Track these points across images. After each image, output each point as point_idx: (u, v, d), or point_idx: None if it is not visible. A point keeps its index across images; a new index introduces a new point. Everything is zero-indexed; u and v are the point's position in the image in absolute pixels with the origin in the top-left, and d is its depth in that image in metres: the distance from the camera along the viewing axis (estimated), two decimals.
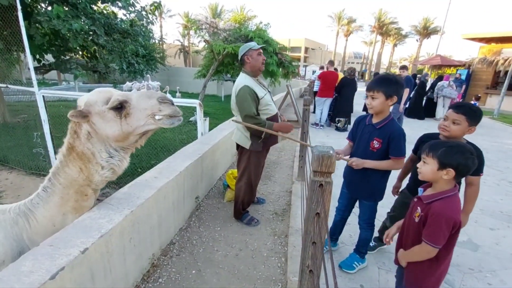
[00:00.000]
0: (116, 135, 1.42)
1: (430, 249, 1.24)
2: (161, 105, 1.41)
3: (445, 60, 17.13)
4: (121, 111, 1.39)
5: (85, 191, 1.53)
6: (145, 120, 1.41)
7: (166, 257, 2.11)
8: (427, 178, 1.32)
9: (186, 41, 32.15)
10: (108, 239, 1.50)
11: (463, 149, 1.22)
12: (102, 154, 1.47)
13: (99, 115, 1.40)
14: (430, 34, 44.28)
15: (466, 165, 1.21)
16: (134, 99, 1.42)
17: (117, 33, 5.95)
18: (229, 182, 3.09)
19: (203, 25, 10.96)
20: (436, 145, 1.28)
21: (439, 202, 1.25)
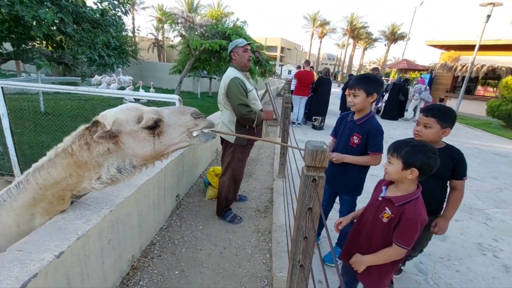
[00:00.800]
0: (147, 154, 1.31)
1: (402, 251, 1.25)
2: (196, 120, 1.34)
3: (411, 65, 18.30)
4: (155, 129, 1.29)
5: (64, 195, 1.40)
6: (179, 137, 1.33)
7: (146, 259, 2.01)
8: (393, 178, 1.30)
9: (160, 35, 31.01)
10: (86, 242, 1.39)
11: (425, 148, 1.21)
12: (111, 169, 1.33)
13: (131, 135, 1.27)
14: (397, 40, 46.98)
15: (429, 164, 1.20)
16: (166, 116, 1.32)
17: (86, 22, 5.56)
18: (210, 179, 3.02)
19: (179, 19, 10.63)
20: (400, 145, 1.27)
21: (411, 205, 1.23)
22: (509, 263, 2.30)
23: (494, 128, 10.15)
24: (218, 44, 9.28)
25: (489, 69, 13.27)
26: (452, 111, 1.56)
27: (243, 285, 1.87)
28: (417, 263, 2.19)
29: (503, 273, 2.18)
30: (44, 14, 4.39)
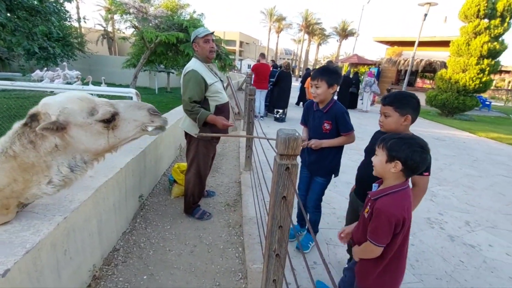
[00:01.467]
0: (100, 148, 1.22)
1: (373, 247, 1.16)
2: (152, 117, 1.32)
3: (361, 59, 19.60)
4: (110, 123, 1.20)
5: (8, 204, 1.21)
6: (134, 131, 1.28)
7: (110, 266, 1.86)
8: (378, 172, 1.24)
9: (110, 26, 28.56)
10: (37, 255, 1.22)
11: (412, 142, 1.13)
12: (62, 168, 1.20)
13: (82, 127, 1.15)
14: (347, 36, 49.82)
15: (413, 158, 1.11)
16: (122, 109, 1.25)
17: (22, 9, 4.86)
18: (175, 176, 2.89)
19: (130, 9, 9.89)
20: (388, 137, 1.21)
21: (383, 198, 1.16)
22: (453, 233, 2.61)
23: (432, 115, 11.39)
24: (175, 37, 8.88)
25: (426, 63, 14.79)
26: (410, 97, 1.47)
27: (217, 281, 1.83)
28: None
29: (449, 242, 2.47)
30: None
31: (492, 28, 10.09)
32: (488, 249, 2.40)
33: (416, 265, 2.11)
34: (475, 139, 7.52)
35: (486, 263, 2.21)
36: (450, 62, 11.47)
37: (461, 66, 10.90)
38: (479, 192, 3.68)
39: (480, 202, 3.37)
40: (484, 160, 5.37)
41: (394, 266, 1.23)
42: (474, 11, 10.18)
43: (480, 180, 4.19)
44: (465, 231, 2.67)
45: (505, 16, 10.01)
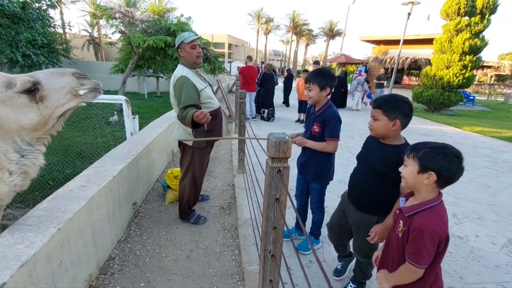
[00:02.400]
0: (35, 122, 1.18)
1: (415, 270, 1.07)
2: (80, 80, 1.29)
3: (348, 59, 19.92)
4: (35, 94, 1.16)
5: None
6: (65, 98, 1.25)
7: (106, 275, 1.85)
8: (409, 183, 1.15)
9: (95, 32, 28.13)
10: (32, 268, 1.22)
11: (447, 151, 1.06)
12: (10, 155, 1.18)
13: (4, 103, 1.12)
14: (335, 36, 50.48)
15: (449, 169, 1.04)
16: (43, 78, 1.21)
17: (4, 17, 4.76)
18: (169, 182, 2.89)
19: (116, 14, 9.78)
20: (418, 146, 1.13)
21: (421, 214, 1.08)
22: None
23: (419, 112, 11.67)
24: (163, 41, 8.83)
25: (411, 60, 15.15)
26: (401, 101, 1.41)
27: (215, 285, 1.84)
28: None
29: None
30: None
31: (473, 25, 10.42)
32: (475, 240, 2.50)
33: None
34: (460, 133, 7.74)
35: (473, 253, 2.30)
36: (434, 59, 11.79)
37: (444, 63, 11.22)
38: (465, 184, 3.81)
39: (466, 194, 3.49)
40: (469, 153, 5.55)
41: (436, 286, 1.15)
42: (454, 9, 10.51)
43: (466, 173, 4.26)
44: (453, 223, 2.77)
45: (485, 13, 10.36)
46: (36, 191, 3.79)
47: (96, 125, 6.35)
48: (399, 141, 1.47)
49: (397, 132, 1.43)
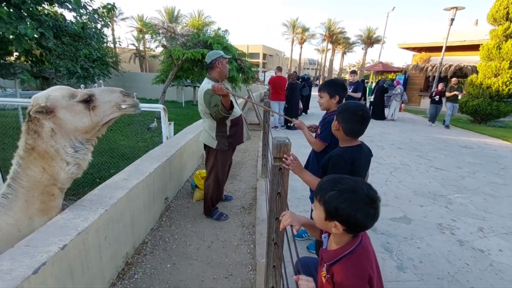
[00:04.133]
0: (86, 126, 1.53)
1: None
2: (125, 97, 1.62)
3: (386, 67, 19.24)
4: (89, 104, 1.52)
5: (52, 191, 1.57)
6: (111, 110, 1.58)
7: (139, 256, 2.18)
8: (320, 227, 1.05)
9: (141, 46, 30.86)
10: (85, 237, 1.56)
11: (355, 197, 0.90)
12: (67, 149, 1.53)
13: (67, 109, 1.48)
14: (373, 43, 48.87)
15: (356, 218, 0.89)
16: (97, 93, 1.57)
17: (67, 36, 5.64)
18: (197, 182, 3.21)
19: (160, 30, 10.77)
20: (327, 186, 0.96)
21: (340, 264, 0.95)
22: (464, 239, 2.63)
23: (463, 123, 10.87)
24: (200, 53, 9.48)
25: (456, 68, 14.19)
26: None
27: (230, 272, 2.07)
28: (384, 243, 2.48)
29: (458, 246, 2.50)
30: (25, 29, 4.47)
31: None
32: (497, 254, 2.40)
33: (419, 266, 2.20)
34: (508, 146, 7.11)
35: (492, 266, 2.23)
36: (480, 67, 10.96)
37: (492, 71, 10.39)
38: (499, 199, 3.59)
39: (499, 209, 3.30)
40: None
41: None
42: (503, 13, 9.75)
43: (504, 188, 4.04)
44: (476, 236, 2.67)
45: None
46: (86, 187, 4.38)
47: (138, 131, 7.07)
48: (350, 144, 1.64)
49: (341, 134, 1.62)
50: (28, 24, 4.52)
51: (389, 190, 3.69)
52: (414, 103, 16.80)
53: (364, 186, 0.93)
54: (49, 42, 5.06)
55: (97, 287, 1.72)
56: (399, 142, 6.85)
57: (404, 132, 8.18)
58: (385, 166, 4.80)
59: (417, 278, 2.06)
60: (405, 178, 4.23)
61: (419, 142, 6.92)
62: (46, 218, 1.59)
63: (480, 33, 14.02)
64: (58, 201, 1.63)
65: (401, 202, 3.37)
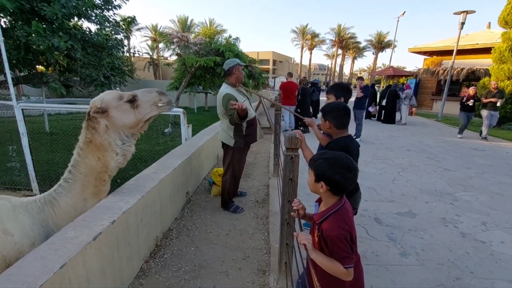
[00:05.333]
0: (132, 122, 1.84)
1: (345, 271, 1.10)
2: (161, 96, 1.92)
3: (396, 71, 19.20)
4: (134, 103, 1.83)
5: (103, 177, 1.87)
6: (150, 108, 1.88)
7: (167, 240, 2.47)
8: (311, 190, 1.26)
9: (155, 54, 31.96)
10: (128, 216, 1.86)
11: (336, 162, 1.15)
12: (117, 142, 1.85)
13: (117, 108, 1.80)
14: (384, 48, 48.65)
15: (335, 180, 1.13)
16: (139, 93, 1.89)
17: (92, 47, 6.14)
18: (214, 179, 3.49)
19: (174, 39, 11.28)
20: (316, 157, 1.24)
21: (327, 221, 1.16)
22: (466, 231, 2.78)
23: (475, 126, 10.77)
24: (212, 61, 9.90)
25: (468, 71, 14.08)
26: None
27: (247, 255, 2.32)
28: (389, 234, 2.67)
29: (460, 238, 2.66)
30: (58, 42, 4.95)
31: None
32: (499, 245, 2.55)
33: (421, 253, 2.38)
34: None
35: (492, 256, 2.38)
36: (493, 70, 10.92)
37: (505, 73, 10.34)
38: (506, 198, 3.69)
39: (504, 206, 3.41)
40: None
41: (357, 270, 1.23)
42: None
43: (509, 187, 4.12)
44: (479, 229, 2.82)
45: None
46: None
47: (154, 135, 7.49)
48: (342, 135, 1.89)
49: (333, 130, 1.86)
50: (60, 37, 5.00)
51: (395, 188, 3.86)
52: (426, 107, 16.69)
53: (344, 157, 1.18)
54: (77, 53, 5.54)
55: (135, 262, 2.01)
56: (409, 144, 6.95)
57: (414, 135, 8.26)
58: (393, 166, 4.95)
59: (418, 263, 2.25)
60: (413, 177, 4.38)
61: (429, 144, 7.00)
62: (96, 201, 1.89)
63: (492, 36, 13.91)
64: (107, 186, 1.93)
65: (407, 198, 3.53)
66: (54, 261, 1.30)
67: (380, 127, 9.75)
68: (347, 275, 1.11)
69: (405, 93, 10.71)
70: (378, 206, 3.29)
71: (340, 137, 1.89)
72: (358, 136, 7.17)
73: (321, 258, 1.11)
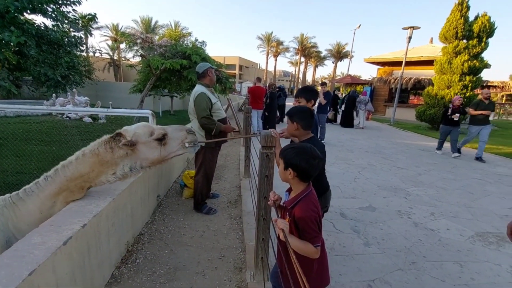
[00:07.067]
0: (155, 159, 1.81)
1: (314, 249, 1.20)
2: (188, 135, 1.91)
3: (354, 79, 20.71)
4: (162, 141, 1.80)
5: (84, 186, 1.79)
6: (177, 147, 1.87)
7: (139, 244, 2.39)
8: (281, 178, 1.35)
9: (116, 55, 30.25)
10: (99, 219, 1.78)
11: (302, 151, 1.26)
12: (125, 167, 1.78)
13: (145, 144, 1.77)
14: (342, 57, 51.93)
15: (300, 166, 1.23)
16: (169, 131, 1.87)
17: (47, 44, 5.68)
18: (186, 181, 3.45)
19: (137, 40, 10.85)
20: (286, 147, 1.35)
21: (298, 206, 1.25)
22: (418, 221, 3.12)
23: (422, 129, 12.02)
24: (179, 64, 9.72)
25: (415, 81, 15.68)
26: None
27: (222, 254, 2.34)
28: (353, 226, 2.89)
29: (413, 227, 2.98)
30: (9, 37, 4.50)
31: (471, 47, 10.97)
32: (445, 232, 2.91)
33: (381, 242, 2.62)
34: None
35: (440, 241, 2.71)
36: (435, 80, 12.29)
37: (445, 83, 11.70)
38: (450, 191, 4.20)
39: (449, 198, 3.89)
40: (462, 166, 5.90)
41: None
42: (452, 33, 11.14)
43: (454, 182, 4.71)
44: (429, 219, 3.18)
45: (482, 36, 10.93)
46: None
47: None
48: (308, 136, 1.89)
49: (301, 131, 1.84)
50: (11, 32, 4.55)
51: (357, 186, 4.18)
52: (380, 113, 18.15)
53: (309, 147, 1.30)
54: (31, 49, 5.08)
55: (106, 268, 1.92)
56: (367, 146, 7.52)
57: (371, 138, 8.95)
58: (354, 166, 5.34)
59: (380, 251, 2.48)
60: (371, 176, 4.77)
61: (384, 146, 7.66)
62: (64, 206, 1.78)
63: (434, 50, 15.71)
64: (81, 194, 1.84)
65: (367, 194, 3.85)
66: (22, 268, 1.21)
67: (341, 130, 10.40)
68: (316, 253, 1.22)
69: (360, 98, 11.58)
70: (343, 202, 3.53)
71: (305, 139, 1.90)
72: (322, 139, 7.58)
73: (295, 241, 1.20)
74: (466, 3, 10.98)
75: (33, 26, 5.28)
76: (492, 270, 2.30)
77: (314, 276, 1.32)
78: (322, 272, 1.36)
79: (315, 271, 1.32)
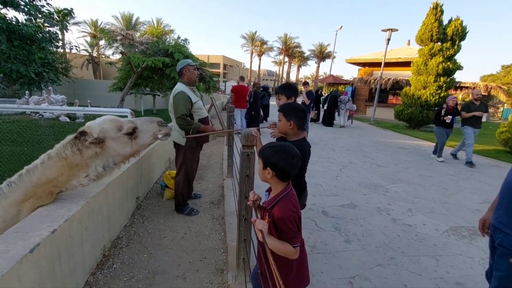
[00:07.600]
0: (128, 153, 1.75)
1: (293, 250, 1.18)
2: (161, 127, 1.85)
3: (336, 79, 21.12)
4: (132, 134, 1.72)
5: (54, 191, 1.69)
6: (149, 139, 1.82)
7: (116, 249, 2.29)
8: (260, 178, 1.32)
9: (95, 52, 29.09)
10: (71, 224, 1.69)
11: (281, 149, 1.24)
12: (98, 167, 1.70)
13: (114, 140, 1.68)
14: (325, 58, 52.86)
15: (279, 165, 1.21)
16: (139, 124, 1.79)
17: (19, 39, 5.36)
18: (167, 182, 3.36)
19: (117, 36, 10.49)
20: (264, 147, 1.31)
21: (277, 206, 1.22)
22: (396, 217, 3.21)
23: (400, 128, 12.45)
24: (161, 62, 9.48)
25: (394, 81, 16.21)
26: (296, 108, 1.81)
27: (204, 256, 2.30)
28: (334, 224, 2.93)
29: (392, 223, 3.06)
30: None
31: (445, 50, 11.48)
32: (422, 227, 3.01)
33: (361, 239, 2.67)
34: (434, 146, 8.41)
35: (417, 236, 2.81)
36: (412, 80, 12.76)
37: (421, 84, 12.17)
38: (426, 188, 4.37)
39: (424, 195, 4.04)
40: (438, 163, 6.16)
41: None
42: (427, 36, 11.60)
43: (430, 179, 4.90)
44: (406, 215, 3.29)
45: (455, 39, 11.45)
46: None
47: None
48: (299, 137, 1.82)
49: (293, 130, 1.77)
50: None
51: (338, 183, 4.25)
52: (361, 112, 18.61)
53: (287, 146, 1.28)
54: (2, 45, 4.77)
55: (79, 275, 1.83)
56: (348, 145, 7.69)
57: (352, 137, 9.16)
58: (336, 164, 5.43)
59: (360, 248, 2.52)
60: (352, 173, 4.87)
61: (365, 144, 7.85)
62: (30, 212, 1.67)
63: (411, 52, 16.30)
64: (50, 199, 1.73)
65: (348, 192, 3.92)
66: None
67: (324, 129, 10.57)
68: (295, 253, 1.20)
69: (341, 98, 11.82)
70: (325, 200, 3.58)
71: (297, 140, 1.81)
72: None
73: (274, 242, 1.18)
74: (440, 7, 11.47)
75: (4, 20, 4.95)
76: (465, 263, 2.40)
77: (294, 277, 1.31)
78: (302, 272, 1.36)
79: (295, 271, 1.31)
